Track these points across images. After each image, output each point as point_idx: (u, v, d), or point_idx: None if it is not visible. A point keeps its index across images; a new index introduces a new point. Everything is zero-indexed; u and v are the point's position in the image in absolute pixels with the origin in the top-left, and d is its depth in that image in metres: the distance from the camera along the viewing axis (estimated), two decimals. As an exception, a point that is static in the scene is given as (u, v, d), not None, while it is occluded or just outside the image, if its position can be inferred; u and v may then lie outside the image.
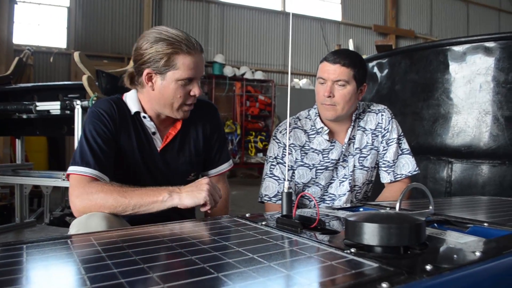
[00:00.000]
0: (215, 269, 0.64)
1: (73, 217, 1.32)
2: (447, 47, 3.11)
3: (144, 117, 1.50)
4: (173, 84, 1.42)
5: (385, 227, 0.70)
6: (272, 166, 1.82)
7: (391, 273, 0.60)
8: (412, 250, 0.75)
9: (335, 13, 11.25)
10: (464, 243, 0.81)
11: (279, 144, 1.81)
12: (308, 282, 0.58)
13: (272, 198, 1.79)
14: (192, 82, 1.45)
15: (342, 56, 1.70)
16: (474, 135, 2.97)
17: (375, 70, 3.71)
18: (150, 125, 1.52)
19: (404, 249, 0.74)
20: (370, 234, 0.71)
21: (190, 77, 1.43)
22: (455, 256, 0.73)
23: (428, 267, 0.63)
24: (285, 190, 1.01)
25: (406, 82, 3.38)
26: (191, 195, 1.30)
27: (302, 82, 10.25)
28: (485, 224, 1.00)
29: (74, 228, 1.25)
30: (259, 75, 9.77)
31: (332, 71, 1.69)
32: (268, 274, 0.61)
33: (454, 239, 0.85)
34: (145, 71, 1.42)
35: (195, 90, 1.46)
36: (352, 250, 0.73)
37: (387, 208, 1.27)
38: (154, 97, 1.46)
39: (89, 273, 0.68)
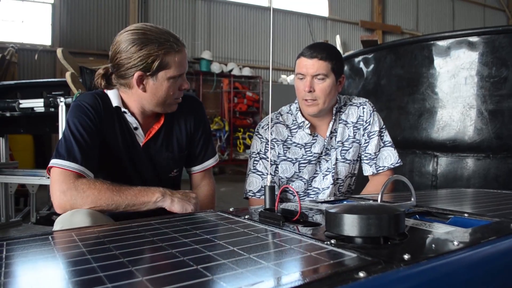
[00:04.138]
0: (195, 261, 0.64)
1: (59, 215, 1.31)
2: (432, 42, 3.13)
3: (125, 112, 1.49)
4: (166, 83, 1.42)
5: (364, 218, 0.71)
6: (256, 162, 1.82)
7: (369, 262, 0.61)
8: (392, 241, 0.76)
9: (322, 9, 11.27)
10: (443, 233, 0.82)
11: (262, 139, 1.81)
12: (286, 273, 0.58)
13: (256, 194, 1.80)
14: (181, 77, 1.46)
15: (318, 50, 1.71)
16: (458, 129, 3.00)
17: (361, 65, 3.72)
18: (131, 120, 1.50)
19: (384, 239, 0.75)
20: (350, 225, 0.72)
21: (181, 73, 1.45)
22: (433, 245, 0.74)
23: (406, 257, 0.63)
24: (268, 184, 1.01)
25: (391, 76, 3.40)
26: (181, 203, 1.35)
27: (290, 78, 10.26)
28: (466, 214, 1.01)
29: (59, 225, 1.24)
30: (246, 72, 9.75)
31: (310, 65, 1.70)
32: (247, 265, 0.61)
33: (434, 229, 0.86)
34: (136, 74, 1.39)
35: (185, 84, 1.49)
36: (332, 241, 0.73)
37: (370, 201, 1.28)
38: (145, 97, 1.45)
39: (69, 268, 0.67)
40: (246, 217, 1.00)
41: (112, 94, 1.50)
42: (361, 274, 0.56)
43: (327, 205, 1.23)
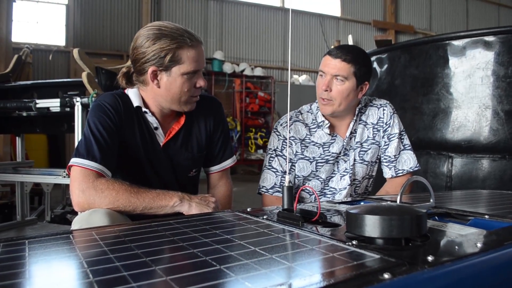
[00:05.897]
0: (218, 261, 0.64)
1: (74, 214, 1.33)
2: (447, 42, 3.10)
3: (146, 112, 1.50)
4: (179, 78, 1.42)
5: (386, 219, 0.70)
6: (271, 158, 1.82)
7: (393, 264, 0.61)
8: (413, 242, 0.75)
9: (334, 8, 11.23)
10: (465, 235, 0.81)
11: (279, 136, 1.81)
12: (310, 273, 0.58)
13: (269, 190, 1.80)
14: (197, 74, 1.46)
15: (344, 52, 1.69)
16: (474, 129, 2.97)
17: (375, 65, 3.70)
18: (152, 120, 1.51)
19: (405, 241, 0.75)
20: (372, 226, 0.71)
21: (195, 69, 1.43)
22: (456, 247, 0.74)
23: (430, 258, 0.63)
24: (286, 184, 1.01)
25: (405, 77, 3.38)
26: (200, 207, 1.35)
27: (302, 78, 10.24)
28: (486, 216, 1.00)
29: (77, 224, 1.25)
30: (258, 72, 9.76)
31: (332, 65, 1.69)
32: (270, 266, 0.61)
33: (455, 231, 0.86)
34: (150, 69, 1.40)
35: (200, 82, 1.47)
36: (354, 242, 0.73)
37: (388, 202, 1.27)
38: (160, 94, 1.46)
39: (92, 266, 0.68)
40: (264, 217, 1.00)
41: (132, 94, 1.51)
42: (386, 276, 0.56)
43: (345, 206, 1.23)
